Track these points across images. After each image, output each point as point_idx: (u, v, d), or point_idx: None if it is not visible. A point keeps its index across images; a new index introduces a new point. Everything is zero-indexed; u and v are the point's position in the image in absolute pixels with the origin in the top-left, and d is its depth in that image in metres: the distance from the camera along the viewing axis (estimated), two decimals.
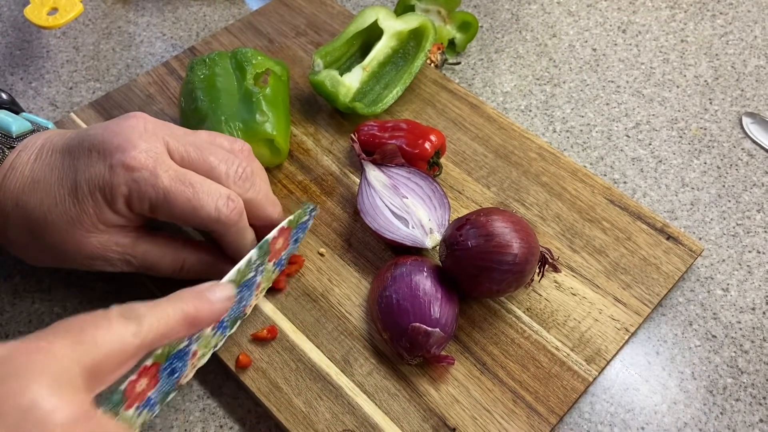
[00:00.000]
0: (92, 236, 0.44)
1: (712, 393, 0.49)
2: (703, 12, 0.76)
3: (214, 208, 0.45)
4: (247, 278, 0.46)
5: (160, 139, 0.45)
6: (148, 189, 0.43)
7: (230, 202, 0.45)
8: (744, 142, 0.64)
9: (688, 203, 0.60)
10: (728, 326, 0.53)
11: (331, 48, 0.63)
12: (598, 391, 0.49)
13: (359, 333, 0.50)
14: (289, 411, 0.46)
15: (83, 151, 0.44)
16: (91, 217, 0.44)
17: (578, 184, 0.58)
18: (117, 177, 0.43)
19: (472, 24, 0.70)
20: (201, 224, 0.45)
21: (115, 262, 0.46)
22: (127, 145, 0.43)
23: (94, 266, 0.47)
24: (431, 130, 0.57)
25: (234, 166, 0.47)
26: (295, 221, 0.49)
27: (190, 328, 0.37)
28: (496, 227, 0.47)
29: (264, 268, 0.47)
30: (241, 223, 0.47)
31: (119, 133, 0.44)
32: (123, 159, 0.43)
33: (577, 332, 0.50)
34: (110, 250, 0.46)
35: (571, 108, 0.67)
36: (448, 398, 0.47)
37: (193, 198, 0.44)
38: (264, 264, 0.47)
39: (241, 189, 0.47)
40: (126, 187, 0.43)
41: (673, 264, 0.53)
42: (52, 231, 0.44)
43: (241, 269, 0.44)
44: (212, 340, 0.45)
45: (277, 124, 0.56)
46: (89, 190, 0.43)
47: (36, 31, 0.75)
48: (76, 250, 0.45)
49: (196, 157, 0.46)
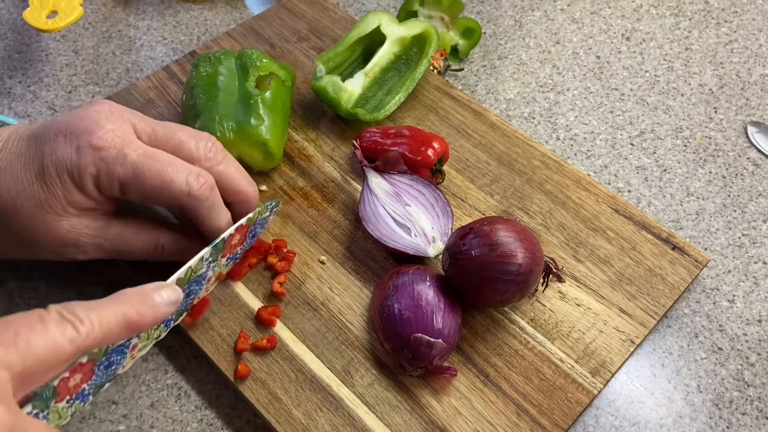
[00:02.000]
0: (62, 220, 0.44)
1: (718, 406, 0.49)
2: (707, 20, 0.76)
3: (185, 182, 0.44)
4: (198, 274, 0.45)
5: (127, 121, 0.45)
6: (117, 167, 0.43)
7: (200, 177, 0.45)
8: (749, 151, 0.64)
9: (693, 213, 0.59)
10: (734, 338, 0.52)
11: (333, 53, 0.62)
12: (602, 404, 0.49)
13: (360, 343, 0.49)
14: (289, 422, 0.45)
15: (49, 136, 0.44)
16: (60, 200, 0.43)
17: (582, 192, 0.57)
18: (84, 157, 0.43)
19: (475, 30, 0.69)
20: (172, 200, 0.45)
21: (87, 247, 0.46)
22: (93, 127, 0.43)
23: (66, 254, 0.46)
24: (434, 137, 0.57)
25: (203, 141, 0.47)
26: (254, 218, 0.49)
27: (130, 332, 0.37)
28: (500, 236, 0.46)
29: (216, 263, 0.47)
30: (213, 199, 0.46)
31: (85, 117, 0.44)
32: (90, 140, 0.43)
33: (582, 344, 0.49)
34: (81, 234, 0.45)
35: (575, 116, 0.67)
36: (450, 410, 0.46)
37: (163, 172, 0.44)
38: (217, 260, 0.47)
39: (212, 162, 0.47)
40: (94, 167, 0.43)
41: (679, 275, 0.52)
42: (20, 217, 0.43)
43: (192, 266, 0.44)
44: (154, 332, 0.44)
45: (272, 129, 0.55)
46: (57, 172, 0.43)
47: (35, 34, 0.74)
48: (46, 236, 0.44)
49: (163, 133, 0.46)
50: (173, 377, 0.50)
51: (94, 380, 0.39)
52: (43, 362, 0.31)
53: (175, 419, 0.48)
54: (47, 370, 0.32)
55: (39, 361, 0.31)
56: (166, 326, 0.45)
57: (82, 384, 0.38)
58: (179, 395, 0.49)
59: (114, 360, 0.40)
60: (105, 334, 0.34)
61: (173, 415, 0.48)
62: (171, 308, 0.39)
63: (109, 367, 0.40)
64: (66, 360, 0.32)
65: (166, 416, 0.48)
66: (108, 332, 0.34)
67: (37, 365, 0.31)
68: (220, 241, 0.46)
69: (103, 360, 0.39)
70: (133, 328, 0.36)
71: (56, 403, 0.36)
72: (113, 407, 0.48)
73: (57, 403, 0.37)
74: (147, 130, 0.46)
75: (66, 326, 0.32)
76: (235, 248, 0.49)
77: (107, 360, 0.39)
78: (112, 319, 0.35)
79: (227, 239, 0.46)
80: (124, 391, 0.49)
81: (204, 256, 0.44)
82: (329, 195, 0.58)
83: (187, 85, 0.58)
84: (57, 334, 0.32)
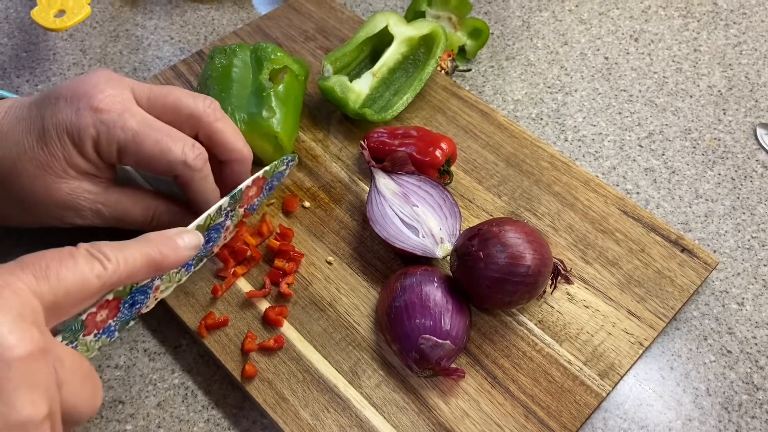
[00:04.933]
0: (62, 182, 0.45)
1: (727, 410, 0.48)
2: (716, 21, 0.76)
3: (181, 152, 0.45)
4: (217, 222, 0.47)
5: (126, 87, 0.46)
6: (117, 131, 0.44)
7: (195, 148, 0.46)
8: (758, 153, 0.63)
9: (702, 215, 0.59)
10: (743, 341, 0.52)
11: (340, 53, 0.62)
12: (611, 407, 0.48)
13: (367, 344, 0.49)
14: (296, 423, 0.45)
15: (50, 100, 0.45)
16: (60, 161, 0.44)
17: (591, 194, 0.57)
18: (85, 119, 0.43)
19: (483, 31, 0.69)
20: (167, 167, 0.46)
21: (85, 212, 0.46)
22: (93, 90, 0.44)
23: (65, 218, 0.47)
24: (442, 138, 0.56)
25: (201, 98, 0.48)
26: (271, 171, 0.50)
27: (154, 272, 0.38)
28: (509, 238, 0.46)
29: (234, 213, 0.49)
30: (206, 170, 0.48)
31: (86, 81, 0.45)
32: (90, 102, 0.44)
33: (590, 346, 0.49)
34: (81, 198, 0.46)
35: (583, 117, 0.66)
36: (458, 412, 0.46)
37: (161, 140, 0.45)
38: (235, 210, 0.48)
39: (210, 117, 0.48)
40: (94, 129, 0.44)
41: (688, 277, 0.52)
42: (22, 178, 0.44)
43: (212, 215, 0.45)
44: (176, 276, 0.46)
45: (284, 122, 0.55)
46: (57, 134, 0.44)
47: (43, 34, 0.74)
48: (47, 198, 0.45)
49: (160, 92, 0.47)
50: (180, 377, 0.49)
51: (120, 317, 0.41)
52: (72, 295, 0.32)
53: (182, 419, 0.47)
54: (75, 303, 0.33)
55: (68, 293, 0.32)
56: (187, 270, 0.47)
57: (109, 320, 0.40)
58: (186, 395, 0.49)
59: (138, 299, 0.42)
60: (129, 272, 0.36)
61: (180, 415, 0.48)
62: (192, 252, 0.40)
63: (133, 306, 0.42)
64: (93, 294, 0.34)
65: (172, 416, 0.48)
66: (132, 270, 0.36)
67: (66, 298, 0.32)
68: (238, 192, 0.47)
69: (128, 298, 0.41)
70: (156, 268, 0.38)
71: (84, 336, 0.39)
72: (120, 407, 0.48)
73: (85, 336, 0.39)
74: (145, 92, 0.47)
75: (94, 262, 0.34)
76: (252, 199, 0.50)
77: (132, 299, 0.41)
78: (137, 259, 0.36)
79: (245, 190, 0.48)
80: (131, 391, 0.49)
81: (222, 206, 0.46)
82: (336, 195, 0.57)
83: (201, 76, 0.59)
84: (86, 269, 0.33)
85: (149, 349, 0.51)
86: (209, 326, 0.49)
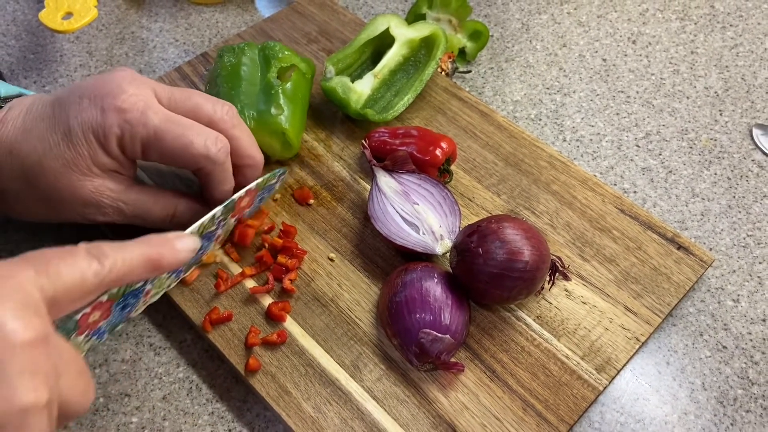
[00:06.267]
0: (87, 180, 0.46)
1: (722, 404, 0.49)
2: (713, 24, 0.77)
3: (203, 145, 0.47)
4: (209, 231, 0.48)
5: (148, 86, 0.47)
6: (140, 128, 0.45)
7: (218, 140, 0.48)
8: (754, 153, 0.64)
9: (698, 214, 0.60)
10: (739, 337, 0.52)
11: (342, 55, 0.63)
12: (608, 401, 0.49)
13: (369, 338, 0.50)
14: (298, 416, 0.46)
15: (74, 99, 0.46)
16: (86, 159, 0.45)
17: (588, 193, 0.58)
18: (109, 119, 0.45)
19: (482, 33, 0.70)
20: (190, 161, 0.47)
21: (107, 209, 0.48)
22: (117, 91, 0.45)
23: (87, 215, 0.48)
24: (442, 137, 0.57)
25: (219, 104, 0.50)
26: (263, 184, 0.51)
27: (151, 273, 0.38)
28: (508, 234, 0.47)
29: (225, 222, 0.50)
30: (227, 164, 0.49)
31: (109, 81, 0.46)
32: (114, 102, 0.45)
33: (588, 341, 0.50)
34: (104, 195, 0.47)
35: (581, 117, 0.67)
36: (457, 405, 0.47)
37: (183, 135, 0.46)
38: (227, 219, 0.50)
39: (227, 124, 0.49)
40: (118, 128, 0.45)
41: (684, 274, 0.53)
42: (47, 175, 0.45)
43: (205, 223, 0.46)
44: (166, 281, 0.47)
45: (292, 119, 0.57)
46: (83, 132, 0.45)
47: (50, 35, 0.75)
48: (71, 195, 0.46)
49: (181, 96, 0.49)
50: (185, 371, 0.50)
51: (111, 320, 0.42)
52: (70, 291, 0.33)
53: (187, 412, 0.48)
54: (73, 300, 0.33)
55: (67, 289, 0.33)
56: (176, 276, 0.48)
57: (100, 321, 0.41)
58: (191, 388, 0.50)
59: (130, 302, 0.43)
60: (127, 271, 0.36)
61: (185, 408, 0.49)
62: (189, 254, 0.41)
63: (124, 309, 0.43)
64: (90, 292, 0.34)
65: (177, 409, 0.49)
66: (130, 270, 0.36)
67: (64, 293, 0.33)
68: (231, 202, 0.48)
69: (121, 301, 0.41)
70: (153, 268, 0.38)
71: (76, 336, 0.39)
72: (126, 399, 0.49)
73: (77, 336, 0.39)
74: (166, 94, 0.48)
75: (92, 260, 0.34)
76: (243, 210, 0.51)
77: (124, 301, 0.42)
78: (135, 258, 0.37)
79: (237, 201, 0.49)
80: (137, 384, 0.50)
81: (216, 215, 0.47)
82: (338, 194, 0.58)
83: (210, 74, 0.60)
84: (84, 266, 0.34)
85: (155, 343, 0.52)
86: (213, 321, 0.50)
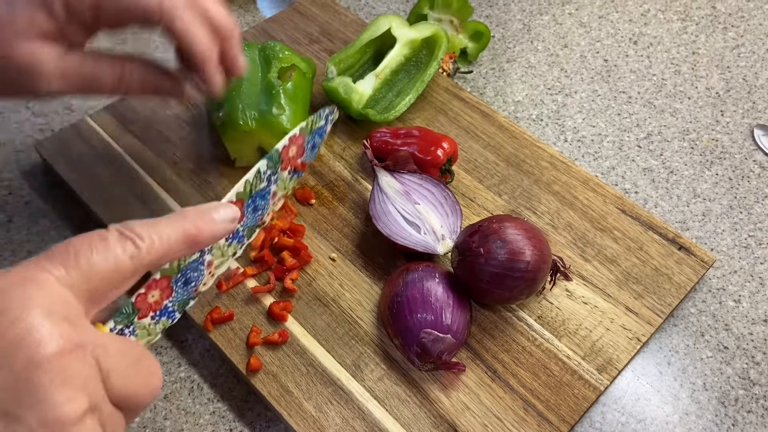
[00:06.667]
0: (23, 42, 0.41)
1: (723, 404, 0.49)
2: (714, 24, 0.77)
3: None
4: (259, 189, 0.44)
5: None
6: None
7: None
8: (756, 154, 0.64)
9: (699, 214, 0.60)
10: (740, 337, 0.52)
11: (344, 55, 0.64)
12: (609, 401, 0.49)
13: (370, 338, 0.50)
14: (300, 415, 0.46)
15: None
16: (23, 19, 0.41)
17: (590, 193, 0.58)
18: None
19: (484, 34, 0.70)
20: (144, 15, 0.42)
21: (49, 76, 0.42)
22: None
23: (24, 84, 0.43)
24: (443, 138, 0.57)
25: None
26: (308, 128, 0.47)
27: (191, 248, 0.36)
28: (509, 234, 0.47)
29: (278, 176, 0.46)
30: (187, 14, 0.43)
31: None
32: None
33: (589, 341, 0.50)
34: (42, 60, 0.42)
35: (583, 118, 0.67)
36: (458, 405, 0.47)
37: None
38: (277, 173, 0.46)
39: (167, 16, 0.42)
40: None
41: (685, 274, 0.53)
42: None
43: (250, 181, 0.43)
44: (228, 249, 0.44)
45: (293, 119, 0.57)
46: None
47: None
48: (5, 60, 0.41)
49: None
50: (186, 370, 0.50)
51: (176, 297, 0.40)
52: (107, 280, 0.31)
53: (188, 411, 0.48)
54: (111, 287, 0.32)
55: (103, 278, 0.31)
56: (239, 242, 0.45)
57: (163, 300, 0.39)
58: (192, 388, 0.50)
59: (191, 277, 0.41)
60: (166, 249, 0.34)
61: (186, 407, 0.49)
62: (230, 225, 0.38)
63: (188, 284, 0.41)
64: (129, 276, 0.32)
65: (179, 408, 0.49)
66: (168, 248, 0.34)
67: (102, 283, 0.31)
68: (275, 152, 0.45)
69: (179, 276, 0.39)
70: (193, 243, 0.36)
71: (139, 319, 0.37)
72: None
73: (140, 319, 0.37)
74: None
75: (126, 243, 0.32)
76: (294, 160, 0.48)
77: (183, 277, 0.40)
78: (171, 235, 0.34)
79: (281, 151, 0.46)
80: None
81: (261, 169, 0.44)
82: (340, 194, 0.59)
83: None
84: (118, 251, 0.32)
85: (156, 342, 0.52)
86: (215, 321, 0.50)
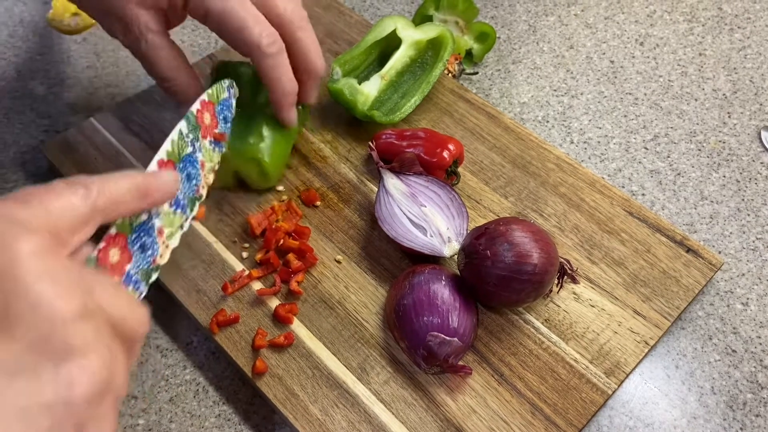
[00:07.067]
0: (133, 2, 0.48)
1: (732, 408, 0.49)
2: (721, 26, 0.76)
3: (257, 34, 0.49)
4: (187, 153, 0.46)
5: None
6: None
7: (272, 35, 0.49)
8: (763, 156, 0.64)
9: (707, 216, 0.60)
10: (748, 341, 0.52)
11: (349, 56, 0.63)
12: (617, 405, 0.49)
13: (376, 341, 0.50)
14: (306, 418, 0.46)
15: None
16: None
17: (596, 195, 0.58)
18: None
19: (489, 35, 0.70)
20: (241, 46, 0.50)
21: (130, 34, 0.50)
22: None
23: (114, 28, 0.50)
24: (449, 139, 0.57)
25: (291, 3, 0.52)
26: (215, 95, 0.50)
27: (142, 199, 0.37)
28: (516, 237, 0.47)
29: (200, 144, 0.48)
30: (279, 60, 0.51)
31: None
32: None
33: (596, 344, 0.49)
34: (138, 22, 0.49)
35: (589, 119, 0.67)
36: (465, 409, 0.46)
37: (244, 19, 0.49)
38: (199, 140, 0.47)
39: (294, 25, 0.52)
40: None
41: (693, 277, 0.53)
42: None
43: (174, 140, 0.44)
44: (175, 218, 0.45)
45: (273, 149, 0.55)
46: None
47: (57, 37, 0.75)
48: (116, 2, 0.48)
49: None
50: (192, 373, 0.50)
51: (136, 262, 0.40)
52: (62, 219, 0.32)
53: (194, 414, 0.48)
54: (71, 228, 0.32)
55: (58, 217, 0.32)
56: (183, 212, 0.46)
57: (124, 265, 0.39)
58: (198, 391, 0.49)
59: (146, 242, 0.41)
60: (115, 195, 0.35)
61: (192, 410, 0.48)
62: (173, 184, 0.40)
63: (144, 251, 0.41)
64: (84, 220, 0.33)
65: (184, 411, 0.48)
66: (117, 194, 0.35)
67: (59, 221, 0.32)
68: (190, 114, 0.47)
69: (134, 239, 0.40)
70: (142, 194, 0.37)
71: None
72: (133, 402, 0.49)
73: None
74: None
75: (75, 187, 0.33)
76: (211, 130, 0.49)
77: (138, 240, 0.40)
78: (120, 183, 0.36)
79: (196, 114, 0.47)
80: (144, 386, 0.50)
81: (182, 130, 0.45)
82: (345, 196, 0.58)
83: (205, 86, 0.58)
84: (69, 194, 0.33)
85: (161, 345, 0.52)
86: (220, 323, 0.50)
